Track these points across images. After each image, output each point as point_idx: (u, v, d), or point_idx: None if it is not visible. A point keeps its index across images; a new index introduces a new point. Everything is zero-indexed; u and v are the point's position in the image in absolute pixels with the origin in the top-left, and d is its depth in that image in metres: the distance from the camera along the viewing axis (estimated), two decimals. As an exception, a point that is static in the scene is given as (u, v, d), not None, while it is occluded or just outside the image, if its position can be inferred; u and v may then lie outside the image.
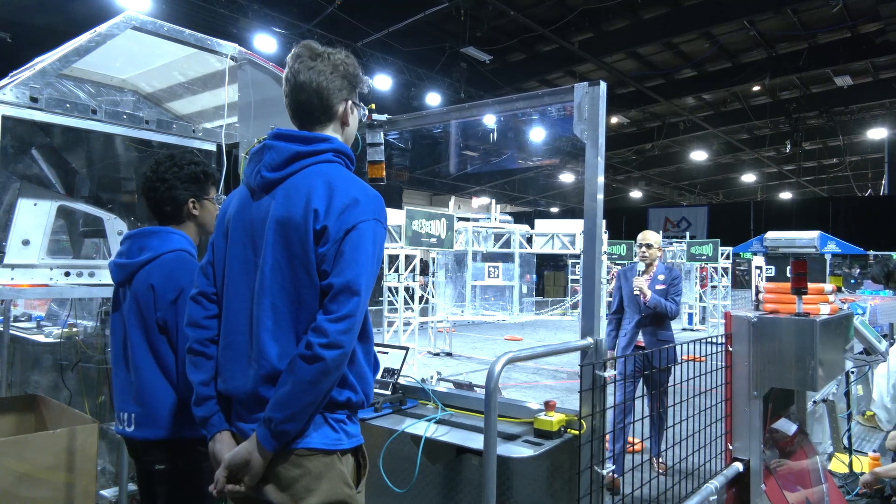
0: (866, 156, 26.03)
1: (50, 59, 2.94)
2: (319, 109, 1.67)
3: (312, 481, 1.53)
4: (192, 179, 2.23)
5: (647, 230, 5.04)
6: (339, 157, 1.67)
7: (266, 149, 1.65)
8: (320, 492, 1.53)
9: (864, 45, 14.73)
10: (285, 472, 1.53)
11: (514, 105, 2.54)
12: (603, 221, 2.28)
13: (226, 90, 3.32)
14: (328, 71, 1.65)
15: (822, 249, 15.67)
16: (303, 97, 1.66)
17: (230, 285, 1.65)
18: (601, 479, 2.15)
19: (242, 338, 1.60)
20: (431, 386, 2.80)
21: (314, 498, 1.53)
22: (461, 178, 25.19)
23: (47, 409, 3.23)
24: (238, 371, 1.59)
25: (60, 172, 3.54)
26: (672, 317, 4.65)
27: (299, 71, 1.65)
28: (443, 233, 9.62)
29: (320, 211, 1.52)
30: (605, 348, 2.22)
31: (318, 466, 1.54)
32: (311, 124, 1.69)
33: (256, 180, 1.64)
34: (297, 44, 1.73)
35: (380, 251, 1.59)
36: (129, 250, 2.19)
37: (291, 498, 1.53)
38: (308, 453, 1.53)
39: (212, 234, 1.81)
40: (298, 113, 1.69)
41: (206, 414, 1.63)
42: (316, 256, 1.52)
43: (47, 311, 4.53)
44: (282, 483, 1.53)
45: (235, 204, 1.71)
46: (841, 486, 4.20)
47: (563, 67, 16.48)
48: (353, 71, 1.71)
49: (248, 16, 11.99)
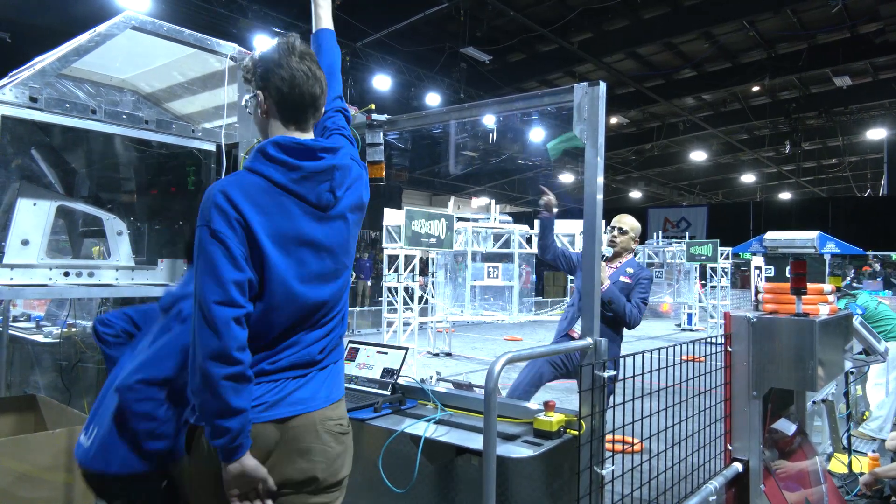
0: (866, 156, 26.04)
1: (49, 58, 2.94)
2: (320, 110, 1.75)
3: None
4: None
5: (625, 214, 4.28)
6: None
7: (335, 169, 1.67)
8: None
9: (864, 45, 14.73)
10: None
11: (514, 105, 2.54)
12: (602, 222, 2.28)
13: (225, 90, 3.32)
14: (319, 71, 1.72)
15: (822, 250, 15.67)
16: (319, 91, 1.69)
17: (309, 300, 1.63)
18: (601, 479, 2.16)
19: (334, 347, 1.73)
20: (431, 386, 2.80)
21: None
22: (461, 178, 25.19)
23: (46, 410, 3.24)
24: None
25: (60, 172, 3.54)
26: (629, 322, 3.77)
27: (312, 64, 1.68)
28: (442, 233, 9.62)
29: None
30: (604, 349, 2.22)
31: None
32: (306, 126, 1.73)
33: (329, 200, 1.67)
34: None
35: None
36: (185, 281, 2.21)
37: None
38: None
39: None
40: (309, 109, 1.70)
41: (242, 441, 1.51)
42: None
43: (46, 311, 4.53)
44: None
45: (291, 220, 1.61)
46: (840, 487, 4.20)
47: (562, 67, 16.48)
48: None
49: (248, 16, 11.98)
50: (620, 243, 4.03)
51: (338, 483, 1.66)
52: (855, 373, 4.88)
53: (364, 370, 2.77)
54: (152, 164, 3.81)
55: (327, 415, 1.63)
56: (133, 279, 3.30)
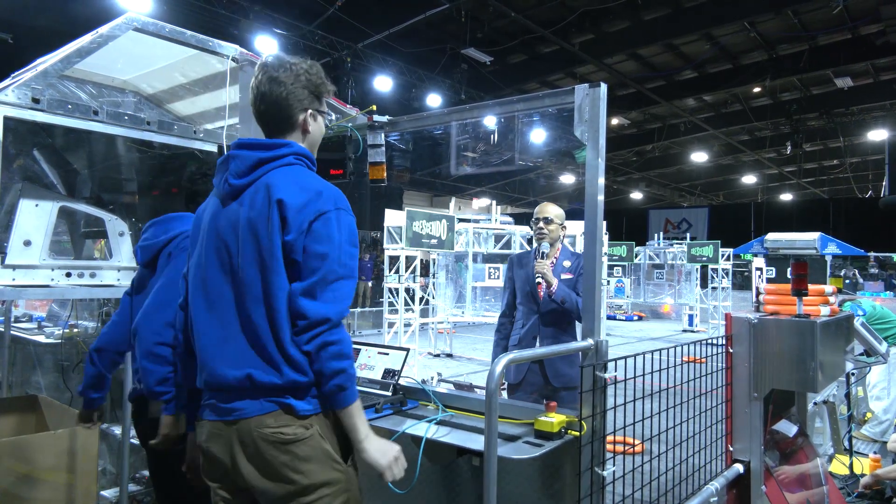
0: (867, 157, 26.03)
1: (52, 60, 2.95)
2: (280, 119, 1.77)
3: (301, 464, 1.65)
4: None
5: (546, 203, 3.82)
6: (300, 160, 1.76)
7: (231, 158, 1.74)
8: (309, 473, 1.67)
9: (865, 46, 14.74)
10: (273, 461, 1.66)
11: (515, 106, 2.54)
12: (603, 223, 2.28)
13: (227, 91, 3.33)
14: (289, 82, 1.74)
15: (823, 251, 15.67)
16: (263, 108, 1.76)
17: (208, 288, 1.73)
18: (602, 480, 2.16)
19: (229, 333, 1.68)
20: (432, 387, 2.80)
21: (305, 479, 1.66)
22: (462, 179, 25.20)
23: (48, 410, 3.24)
24: (229, 363, 1.67)
25: (62, 173, 3.54)
26: (579, 317, 3.25)
27: (262, 82, 1.74)
28: (443, 234, 9.63)
29: (285, 201, 1.63)
30: (604, 350, 2.22)
31: (306, 450, 1.66)
32: (274, 132, 1.78)
33: (224, 189, 1.74)
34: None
35: (347, 235, 1.68)
36: (154, 234, 2.36)
37: (282, 483, 1.66)
38: (293, 438, 1.65)
39: None
40: (262, 122, 1.80)
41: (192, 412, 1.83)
42: (283, 245, 1.62)
43: (48, 311, 4.54)
44: (271, 470, 1.67)
45: (208, 214, 1.80)
46: (841, 488, 4.20)
47: (563, 69, 16.49)
48: (316, 80, 1.79)
49: (249, 17, 12.00)
50: (550, 233, 3.63)
51: (300, 491, 1.62)
52: (856, 374, 4.88)
53: (365, 371, 2.77)
54: (154, 165, 3.82)
55: (261, 422, 1.62)
56: (134, 280, 3.30)
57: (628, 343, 13.40)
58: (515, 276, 3.69)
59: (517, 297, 3.68)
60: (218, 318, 1.69)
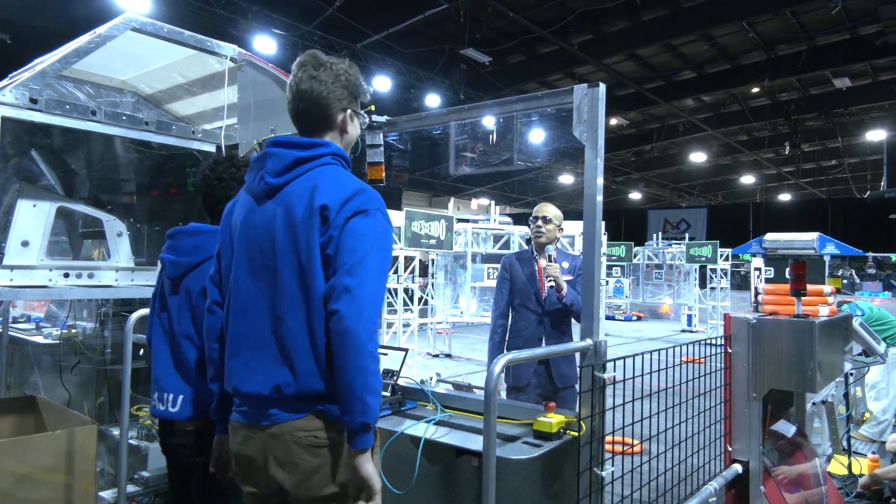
0: (865, 157, 26.04)
1: (50, 60, 2.94)
2: (318, 118, 1.74)
3: (331, 469, 1.64)
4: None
5: (545, 202, 3.80)
6: (337, 160, 1.73)
7: (267, 156, 1.71)
8: (339, 476, 1.64)
9: (864, 46, 14.75)
10: (304, 464, 1.63)
11: (514, 107, 2.54)
12: (602, 223, 2.28)
13: (225, 91, 3.33)
14: (329, 81, 1.72)
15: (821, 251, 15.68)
16: (302, 106, 1.73)
17: (239, 292, 1.71)
18: (601, 480, 2.16)
19: (260, 339, 1.66)
20: (431, 387, 2.80)
21: (333, 484, 1.64)
22: (461, 179, 25.20)
23: (46, 411, 3.23)
24: (256, 372, 1.65)
25: (60, 173, 3.54)
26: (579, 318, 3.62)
27: (301, 80, 1.71)
28: (442, 234, 9.63)
29: (327, 204, 1.60)
30: (603, 350, 2.22)
31: (336, 455, 1.63)
32: (311, 131, 1.76)
33: (260, 187, 1.71)
34: (300, 48, 1.81)
35: (384, 236, 1.65)
36: (182, 247, 2.25)
37: (310, 486, 1.63)
38: (325, 443, 1.63)
39: None
40: (299, 120, 1.76)
41: (217, 418, 1.84)
42: (321, 245, 1.60)
43: (46, 312, 4.52)
44: (301, 473, 1.64)
45: (240, 212, 1.76)
46: (840, 488, 4.20)
47: (562, 69, 16.49)
48: (355, 81, 1.77)
49: (248, 17, 11.98)
50: (547, 233, 3.60)
51: (331, 496, 1.63)
52: (855, 374, 4.88)
53: (364, 371, 2.77)
54: (152, 166, 3.82)
55: (296, 425, 1.62)
56: (133, 280, 3.30)
57: (627, 343, 13.40)
58: (514, 276, 3.63)
59: (515, 299, 3.62)
60: (248, 324, 1.68)
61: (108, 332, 3.78)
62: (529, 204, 32.58)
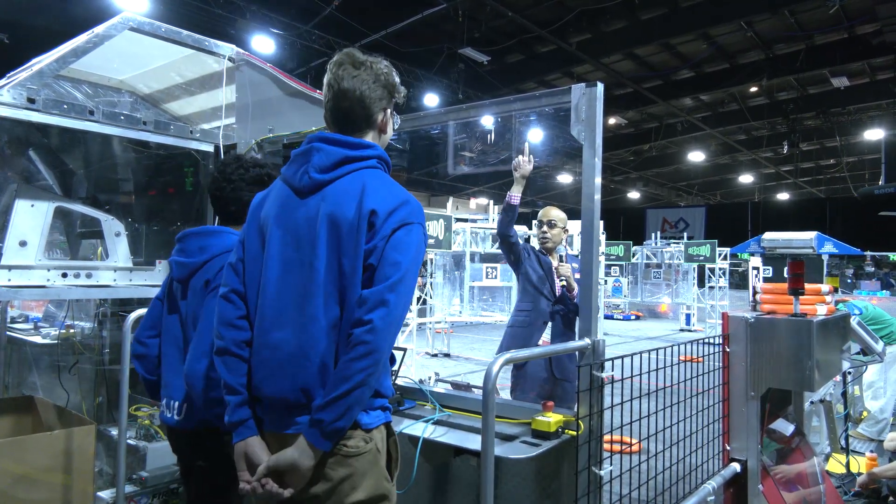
0: (863, 156, 26.07)
1: (47, 59, 2.94)
2: (361, 117, 1.72)
3: (358, 479, 1.59)
4: (257, 181, 2.26)
5: (551, 206, 3.91)
6: (381, 164, 1.73)
7: (313, 150, 1.68)
8: (365, 487, 1.60)
9: (861, 45, 14.76)
10: (332, 472, 1.57)
11: (512, 106, 2.55)
12: (601, 222, 2.29)
13: (223, 91, 3.33)
14: (371, 80, 1.70)
15: (820, 250, 15.72)
16: (346, 104, 1.70)
17: (269, 285, 1.65)
18: (599, 479, 2.16)
19: (286, 336, 1.60)
20: (429, 387, 2.80)
21: (360, 494, 1.59)
22: (459, 178, 25.19)
23: (45, 411, 3.23)
24: (281, 372, 1.59)
25: (58, 173, 3.54)
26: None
27: (343, 78, 1.69)
28: (441, 234, 9.63)
29: (376, 210, 1.58)
30: (601, 349, 2.22)
31: (364, 465, 1.60)
32: (351, 130, 1.73)
33: (304, 181, 1.67)
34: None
35: (422, 252, 1.66)
36: (190, 249, 2.22)
37: (337, 496, 1.58)
38: (355, 452, 1.58)
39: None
40: (340, 118, 1.73)
41: (242, 417, 1.63)
42: (364, 252, 1.58)
43: (44, 312, 4.52)
44: (329, 482, 1.57)
45: (274, 204, 1.72)
46: (838, 487, 4.21)
47: (561, 68, 16.48)
48: (393, 81, 1.77)
49: (246, 17, 11.97)
50: (553, 238, 3.72)
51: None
52: (853, 373, 4.89)
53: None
54: (150, 165, 3.81)
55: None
56: (131, 280, 3.30)
57: (625, 342, 13.41)
58: (527, 263, 3.69)
59: (530, 283, 3.66)
60: (279, 325, 1.62)
61: (106, 332, 3.78)
62: (528, 203, 32.58)
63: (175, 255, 2.25)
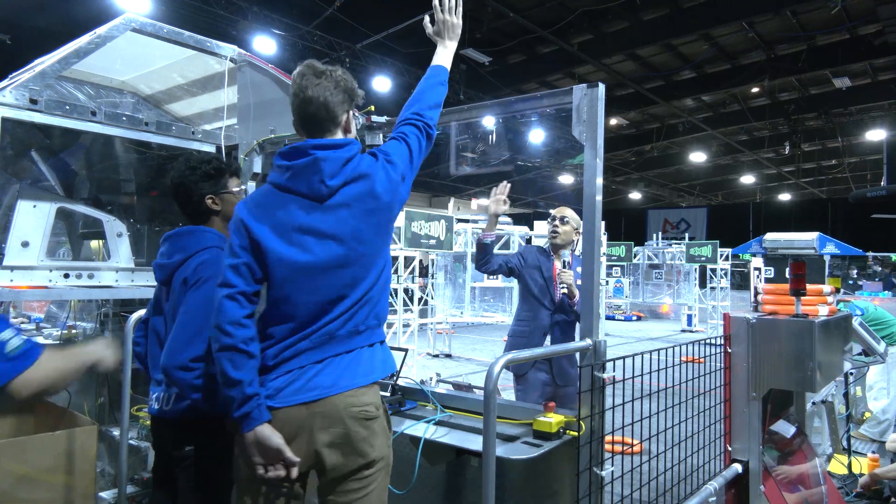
0: (865, 157, 26.03)
1: (50, 60, 2.95)
2: (327, 119, 1.89)
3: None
4: (205, 177, 2.28)
5: (565, 206, 3.86)
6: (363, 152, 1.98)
7: (319, 161, 1.83)
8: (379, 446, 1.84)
9: (863, 46, 14.73)
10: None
11: (513, 107, 2.55)
12: (602, 223, 2.29)
13: (225, 92, 3.33)
14: (332, 87, 1.88)
15: (821, 251, 15.69)
16: (312, 109, 1.87)
17: (298, 293, 1.80)
18: (601, 480, 2.16)
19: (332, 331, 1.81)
20: (430, 387, 2.80)
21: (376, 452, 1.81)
22: (460, 179, 25.15)
23: (46, 411, 3.23)
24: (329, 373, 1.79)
25: (60, 174, 3.54)
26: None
27: (307, 87, 1.86)
28: (442, 234, 9.62)
29: (405, 175, 1.96)
30: (603, 350, 2.22)
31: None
32: (321, 132, 1.90)
33: (321, 190, 1.83)
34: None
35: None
36: (168, 251, 2.27)
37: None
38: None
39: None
40: (308, 122, 1.90)
41: (247, 410, 1.72)
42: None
43: (46, 312, 4.52)
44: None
45: (289, 212, 1.83)
46: (840, 488, 4.20)
47: (562, 69, 16.48)
48: (351, 86, 1.95)
49: (248, 18, 11.98)
50: (562, 234, 3.68)
51: (368, 465, 1.79)
52: (854, 374, 4.88)
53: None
54: (152, 166, 3.82)
55: (349, 401, 1.77)
56: (133, 281, 3.30)
57: (627, 343, 13.40)
58: (528, 267, 3.69)
59: (530, 289, 3.67)
60: (305, 323, 1.81)
61: (108, 332, 3.79)
62: (529, 204, 32.59)
63: (157, 259, 2.30)
